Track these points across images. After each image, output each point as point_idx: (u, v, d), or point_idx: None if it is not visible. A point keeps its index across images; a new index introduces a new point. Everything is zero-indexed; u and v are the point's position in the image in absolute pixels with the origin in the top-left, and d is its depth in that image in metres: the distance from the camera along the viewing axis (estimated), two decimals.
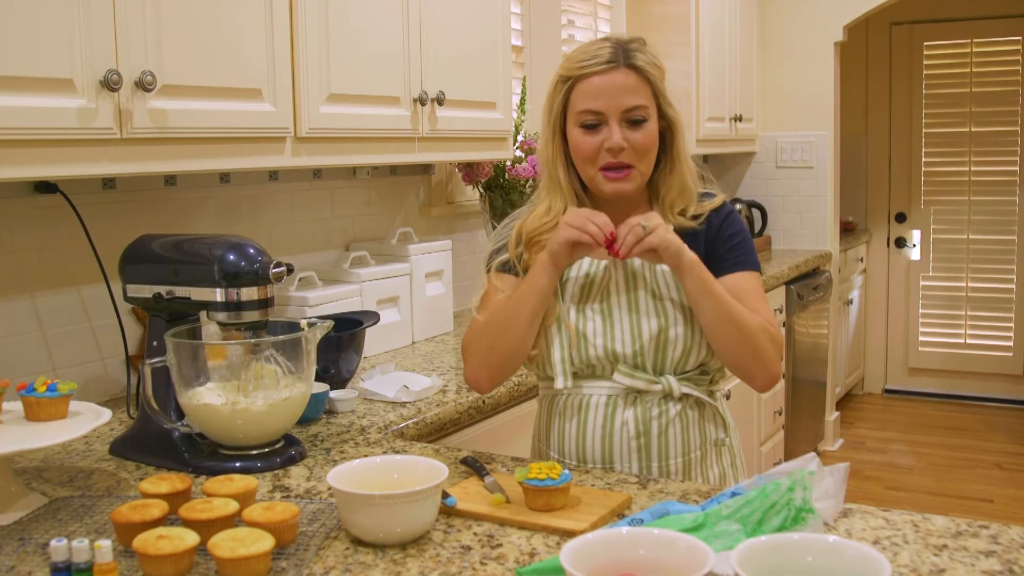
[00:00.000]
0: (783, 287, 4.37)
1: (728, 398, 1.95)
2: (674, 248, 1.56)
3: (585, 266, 1.70)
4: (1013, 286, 5.97)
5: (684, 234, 1.67)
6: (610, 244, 1.57)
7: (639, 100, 1.63)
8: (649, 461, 1.68)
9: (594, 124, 1.64)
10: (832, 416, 5.26)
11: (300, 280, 2.50)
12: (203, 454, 1.67)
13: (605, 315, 1.67)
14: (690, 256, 1.58)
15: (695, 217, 1.70)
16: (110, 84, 1.62)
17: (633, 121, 1.63)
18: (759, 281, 1.72)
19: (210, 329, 1.74)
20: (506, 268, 1.73)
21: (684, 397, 1.68)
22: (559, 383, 1.67)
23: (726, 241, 1.70)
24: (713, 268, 1.65)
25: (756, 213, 5.03)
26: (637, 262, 1.67)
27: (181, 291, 1.67)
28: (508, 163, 3.04)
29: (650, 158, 1.68)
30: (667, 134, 1.70)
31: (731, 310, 1.59)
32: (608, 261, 1.68)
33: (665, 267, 1.65)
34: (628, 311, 1.66)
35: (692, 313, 1.64)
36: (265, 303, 1.67)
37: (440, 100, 2.47)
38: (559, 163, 1.70)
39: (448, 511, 1.41)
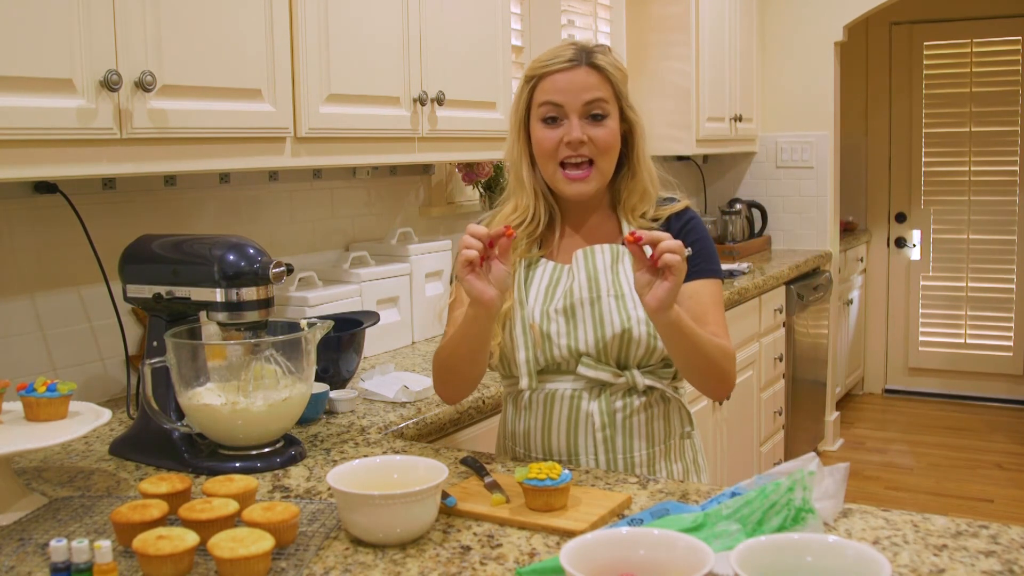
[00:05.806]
0: (783, 287, 4.37)
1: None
2: (678, 288, 1.47)
3: (549, 269, 1.72)
4: (1013, 286, 5.97)
5: None
6: (492, 243, 1.46)
7: (599, 95, 1.65)
8: (614, 453, 1.69)
9: (555, 118, 1.65)
10: (832, 416, 5.26)
11: (300, 280, 2.50)
12: (203, 454, 1.67)
13: (568, 316, 1.67)
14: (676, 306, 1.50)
15: (654, 220, 1.73)
16: (110, 84, 1.62)
17: (594, 116, 1.64)
18: (719, 289, 1.73)
19: (210, 329, 1.74)
20: None
21: (648, 391, 1.70)
22: (523, 383, 1.69)
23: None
24: None
25: (756, 213, 5.03)
26: (599, 263, 1.69)
27: (181, 291, 1.67)
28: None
29: (611, 156, 1.68)
30: (628, 137, 1.71)
31: (701, 346, 1.57)
32: (571, 264, 1.70)
33: (628, 269, 1.67)
34: (591, 311, 1.66)
35: None
36: (265, 303, 1.67)
37: (440, 100, 2.47)
38: (524, 163, 1.72)
39: (448, 511, 1.41)
